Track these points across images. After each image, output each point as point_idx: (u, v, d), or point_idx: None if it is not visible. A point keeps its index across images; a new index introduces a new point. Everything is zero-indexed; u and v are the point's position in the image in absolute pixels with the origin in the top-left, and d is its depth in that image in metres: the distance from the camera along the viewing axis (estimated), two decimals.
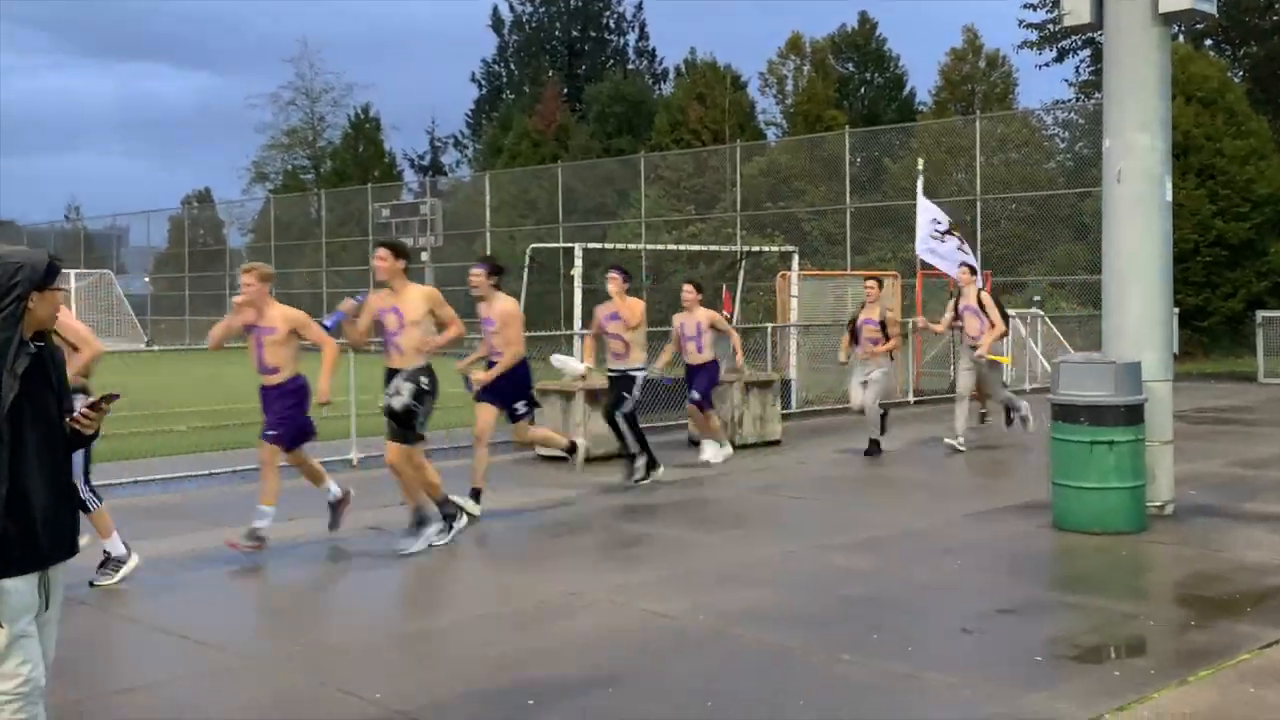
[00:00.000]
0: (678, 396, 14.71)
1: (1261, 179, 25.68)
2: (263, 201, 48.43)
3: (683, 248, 24.50)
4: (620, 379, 10.68)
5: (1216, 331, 25.59)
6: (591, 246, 16.85)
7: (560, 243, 27.54)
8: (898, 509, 9.72)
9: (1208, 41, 33.76)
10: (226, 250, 46.77)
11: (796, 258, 17.21)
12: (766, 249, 21.96)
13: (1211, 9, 8.88)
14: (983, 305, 12.75)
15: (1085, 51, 38.52)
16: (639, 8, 53.40)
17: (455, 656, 5.76)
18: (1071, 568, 7.64)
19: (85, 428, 3.73)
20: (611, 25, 52.67)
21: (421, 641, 6.10)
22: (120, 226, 51.48)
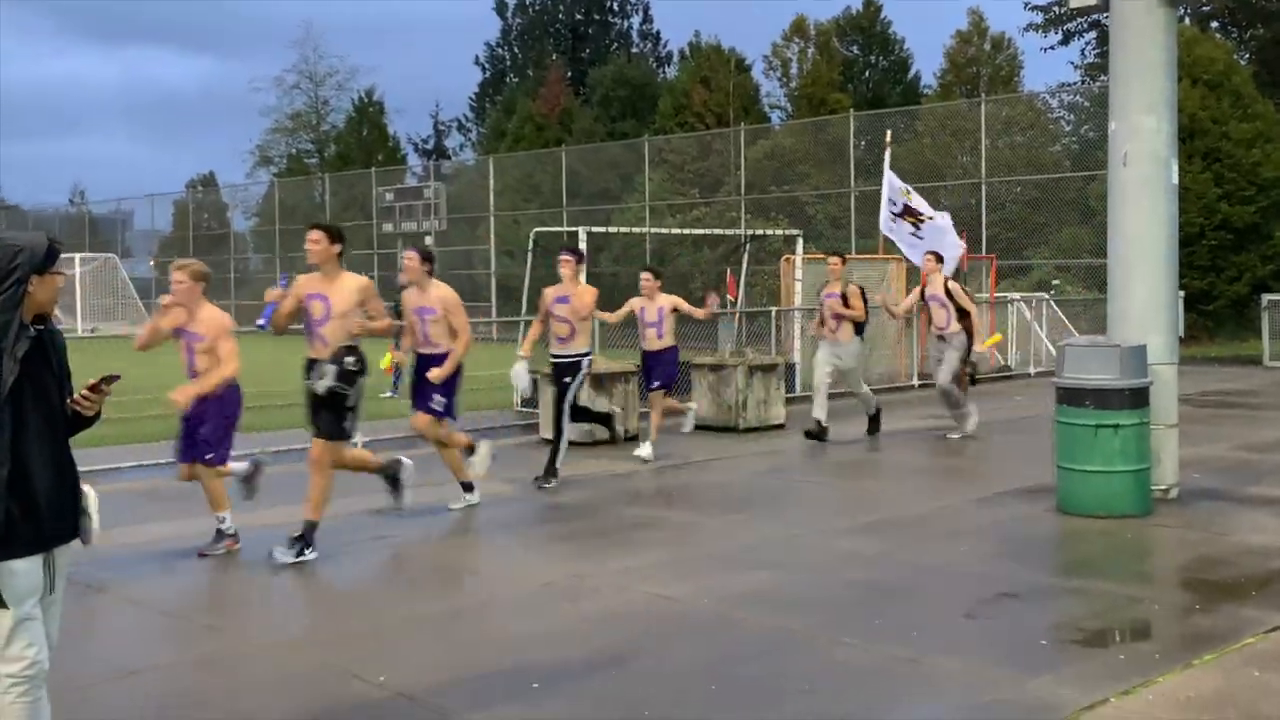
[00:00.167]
0: (680, 381, 14.70)
1: (1268, 162, 25.59)
2: (267, 185, 48.43)
3: (687, 231, 24.47)
4: (565, 366, 10.10)
5: (1222, 315, 25.54)
6: (596, 230, 16.82)
7: (564, 227, 27.54)
8: (901, 493, 9.72)
9: (1214, 24, 33.61)
10: (230, 234, 46.80)
11: (800, 241, 17.18)
12: (770, 233, 21.91)
13: None
14: (950, 295, 12.35)
15: (1091, 34, 38.38)
16: None
17: (459, 639, 5.77)
18: (1076, 552, 7.63)
19: (86, 409, 3.73)
20: (615, 8, 52.50)
21: (425, 624, 6.11)
22: (125, 210, 51.48)
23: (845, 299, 12.02)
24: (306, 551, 7.31)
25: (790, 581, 6.70)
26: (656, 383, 11.36)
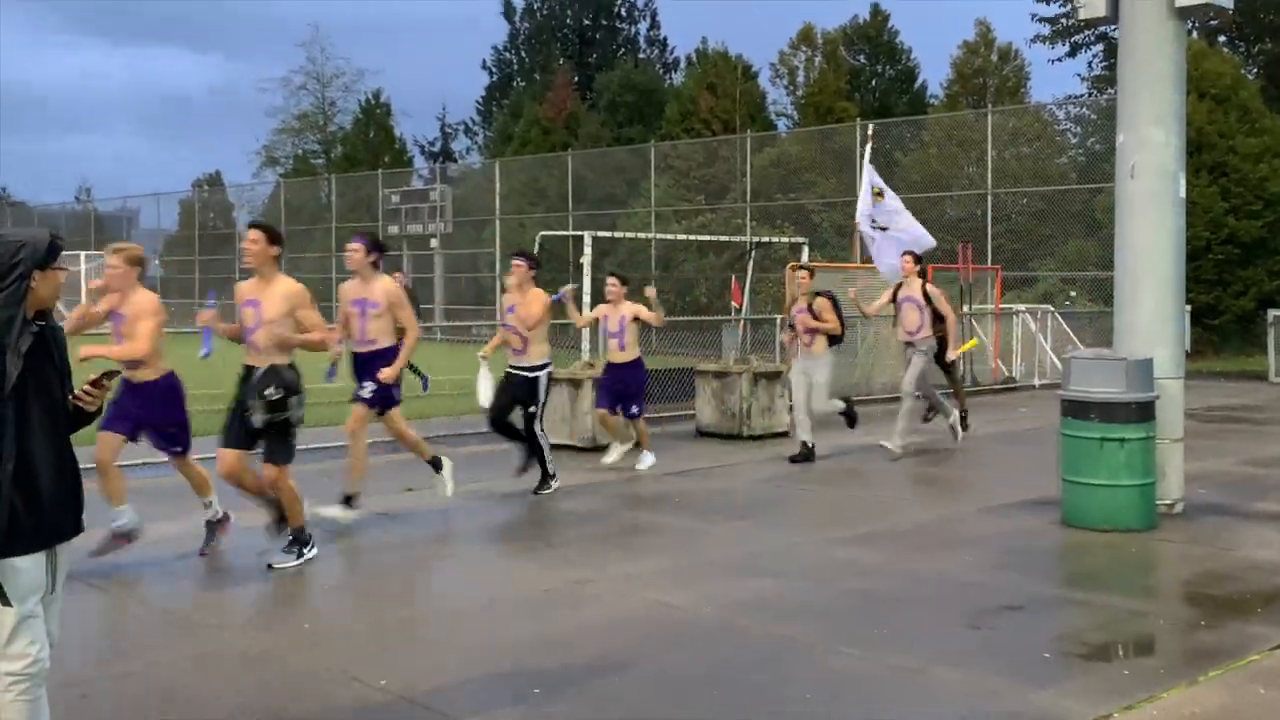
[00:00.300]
0: (685, 387, 14.68)
1: (1274, 177, 25.54)
2: (273, 185, 48.46)
3: (692, 238, 24.49)
4: (521, 381, 9.62)
5: (1227, 330, 25.50)
6: (601, 235, 16.80)
7: (569, 231, 27.54)
8: (905, 502, 9.70)
9: (1221, 38, 33.60)
10: (236, 234, 46.79)
11: (806, 249, 17.16)
12: (776, 240, 21.91)
13: (1228, 3, 8.82)
14: (929, 298, 11.97)
15: (1098, 46, 38.43)
16: None
17: (462, 644, 5.74)
18: (1080, 564, 7.60)
19: (88, 405, 3.72)
20: (623, 14, 52.56)
21: (428, 628, 6.09)
22: (130, 209, 51.54)
23: (815, 313, 11.48)
24: (305, 551, 7.24)
25: (792, 589, 6.68)
26: (634, 409, 10.83)
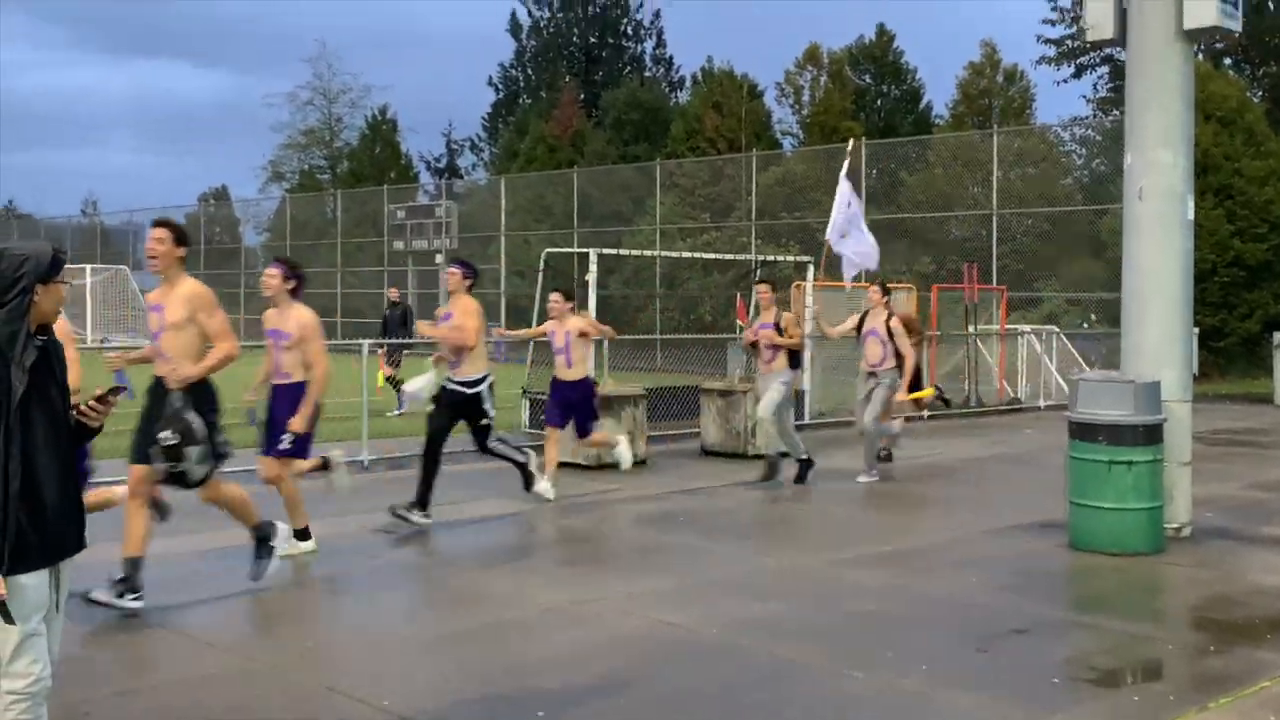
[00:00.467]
0: (689, 406, 14.65)
1: None
2: (279, 200, 48.53)
3: (697, 256, 24.48)
4: (460, 400, 9.08)
5: (1233, 352, 25.44)
6: (607, 252, 16.79)
7: (574, 248, 27.53)
8: (911, 523, 9.65)
9: (1227, 60, 33.64)
10: (242, 248, 46.88)
11: (811, 268, 17.11)
12: (781, 259, 21.89)
13: (1236, 26, 8.81)
14: (891, 333, 11.41)
15: (1104, 68, 38.48)
16: (657, 15, 53.36)
17: (463, 663, 5.71)
18: (1088, 588, 7.55)
19: (92, 421, 3.70)
20: (629, 32, 52.68)
21: (428, 647, 6.05)
22: (136, 222, 51.54)
23: (780, 329, 11.21)
24: (274, 545, 6.93)
25: (797, 610, 6.64)
26: (588, 427, 10.48)
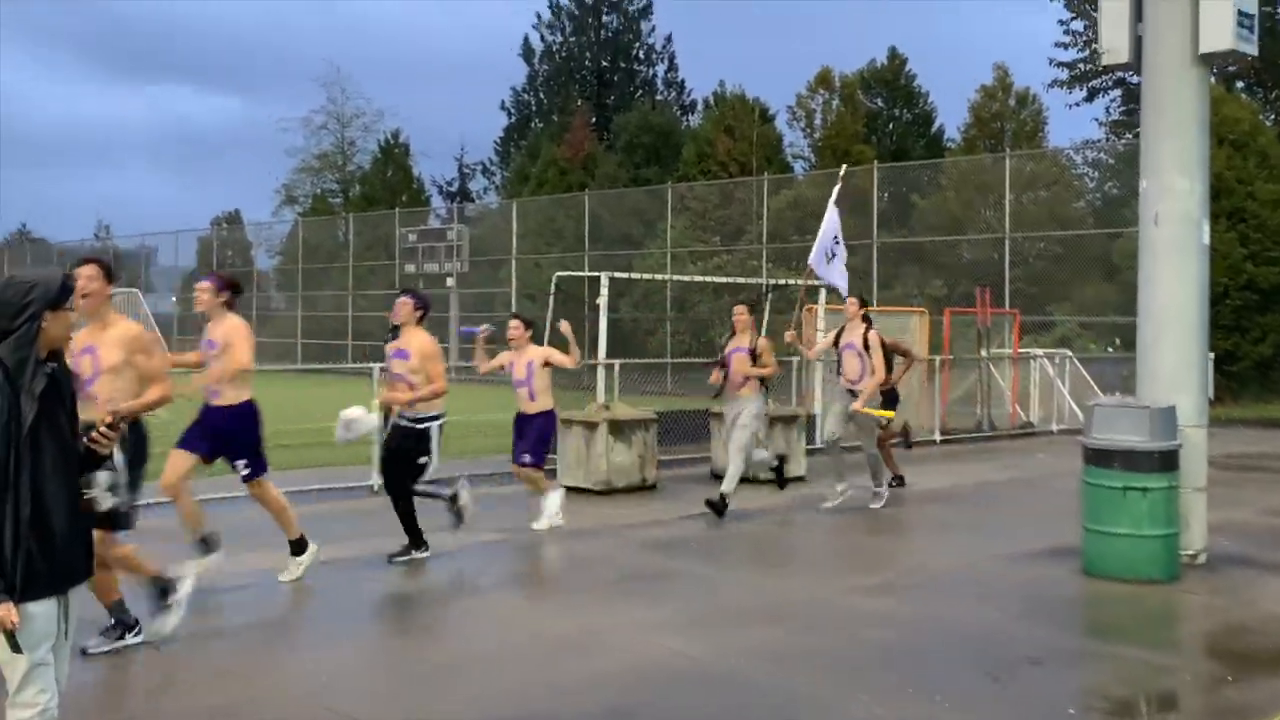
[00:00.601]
0: (699, 430, 14.61)
1: None
2: (291, 224, 48.70)
3: (708, 279, 24.47)
4: (409, 432, 8.54)
5: (1245, 376, 25.29)
6: (618, 276, 16.79)
7: (585, 271, 27.55)
8: (924, 549, 9.58)
9: (1239, 84, 33.61)
10: (254, 271, 47.03)
11: (823, 292, 17.10)
12: (792, 282, 21.86)
13: (1252, 49, 8.79)
14: (868, 346, 11.04)
15: (1116, 92, 38.54)
16: (669, 39, 53.22)
17: (470, 692, 5.65)
18: (1103, 616, 7.48)
19: (102, 448, 3.68)
20: (641, 56, 52.87)
21: (436, 675, 5.99)
22: (149, 246, 51.81)
23: (754, 355, 10.70)
24: (171, 597, 6.45)
25: (809, 638, 6.57)
26: (526, 457, 9.78)
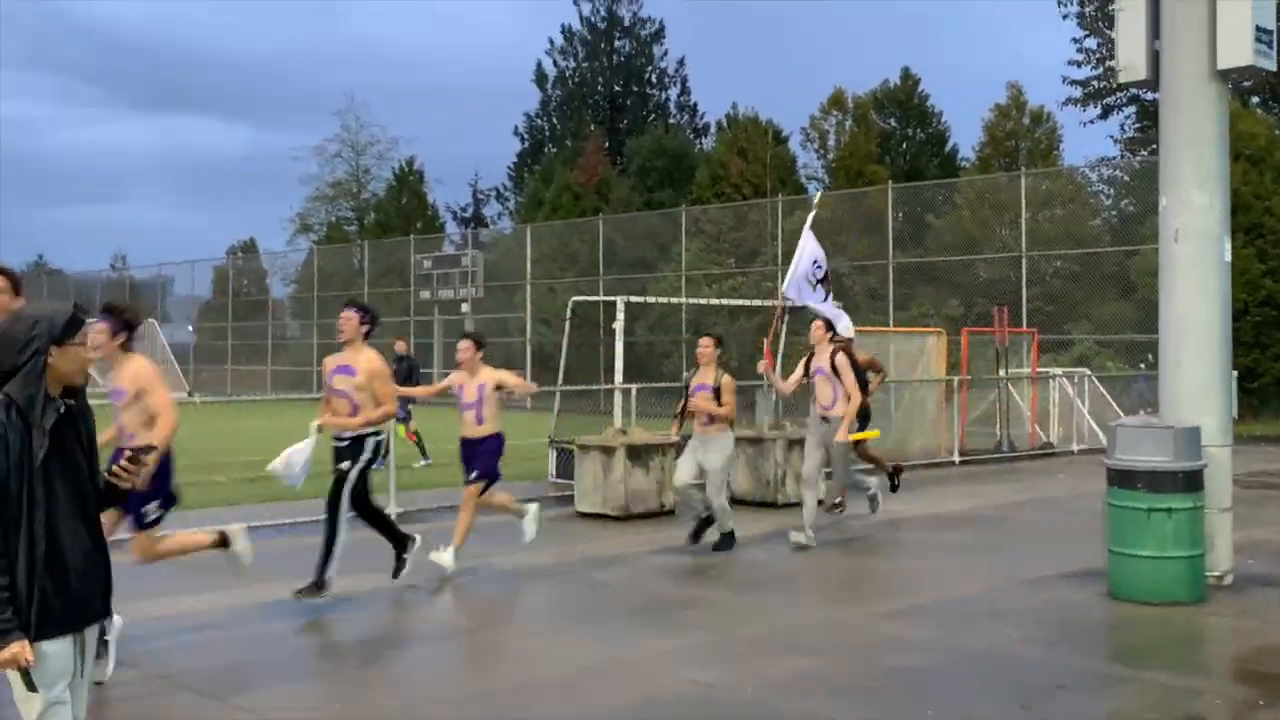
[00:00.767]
0: None
1: None
2: (306, 252, 48.88)
3: (723, 302, 24.45)
4: (343, 453, 8.14)
5: (1266, 393, 25.07)
6: (634, 300, 16.76)
7: (600, 296, 27.56)
8: (946, 573, 9.48)
9: (1255, 99, 33.49)
10: (269, 300, 47.19)
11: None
12: (809, 304, 21.80)
13: (1271, 65, 8.76)
14: (836, 370, 10.46)
15: (1130, 108, 38.45)
16: (681, 63, 53.41)
17: None
18: (1129, 639, 7.38)
19: (122, 482, 3.65)
20: (654, 80, 53.04)
21: (458, 706, 5.94)
22: (165, 276, 52.05)
23: (718, 393, 10.18)
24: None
25: (833, 667, 6.50)
26: (474, 474, 9.17)
